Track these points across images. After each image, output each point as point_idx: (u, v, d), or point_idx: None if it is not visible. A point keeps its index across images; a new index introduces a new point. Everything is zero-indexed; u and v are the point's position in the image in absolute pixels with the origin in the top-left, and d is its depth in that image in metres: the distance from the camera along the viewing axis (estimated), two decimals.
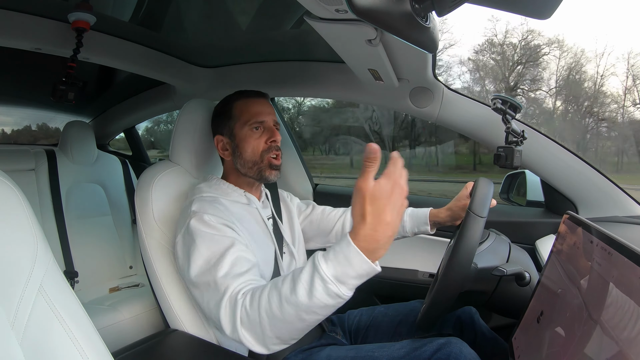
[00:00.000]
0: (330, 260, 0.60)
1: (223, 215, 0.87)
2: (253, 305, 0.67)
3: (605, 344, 0.45)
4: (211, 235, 0.81)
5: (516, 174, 1.47)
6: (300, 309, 0.62)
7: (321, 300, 0.60)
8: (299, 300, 0.61)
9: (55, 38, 1.16)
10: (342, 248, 0.60)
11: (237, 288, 0.72)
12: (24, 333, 0.50)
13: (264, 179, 0.99)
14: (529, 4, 0.59)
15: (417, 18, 0.62)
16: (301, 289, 0.61)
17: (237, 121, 0.99)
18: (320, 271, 0.60)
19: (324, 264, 0.60)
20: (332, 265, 0.60)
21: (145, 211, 0.99)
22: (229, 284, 0.73)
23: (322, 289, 0.60)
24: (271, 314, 0.64)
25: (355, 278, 0.60)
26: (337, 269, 0.59)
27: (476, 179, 0.91)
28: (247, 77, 1.50)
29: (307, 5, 0.64)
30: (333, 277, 0.59)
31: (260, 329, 0.66)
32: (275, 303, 0.64)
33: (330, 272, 0.59)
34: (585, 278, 0.56)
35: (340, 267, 0.59)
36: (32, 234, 0.55)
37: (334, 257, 0.60)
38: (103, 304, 1.54)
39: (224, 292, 0.72)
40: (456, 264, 0.77)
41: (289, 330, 0.66)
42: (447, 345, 0.78)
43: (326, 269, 0.60)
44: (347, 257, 0.59)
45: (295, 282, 0.63)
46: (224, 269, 0.75)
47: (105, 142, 2.55)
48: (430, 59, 1.01)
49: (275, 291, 0.65)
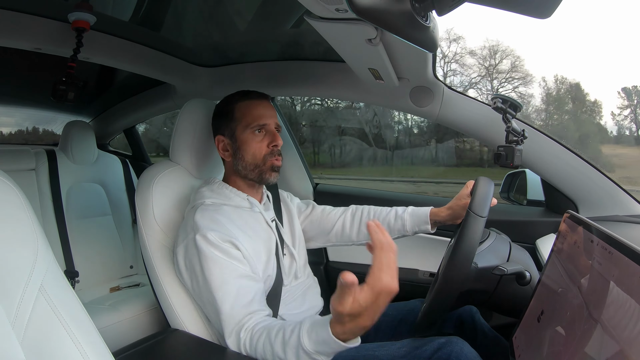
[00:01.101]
0: (312, 340, 0.70)
1: (226, 230, 0.88)
2: (252, 347, 0.79)
3: (605, 343, 0.45)
4: (216, 258, 0.85)
5: (516, 173, 1.47)
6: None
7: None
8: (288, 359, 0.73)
9: (55, 38, 1.16)
10: (322, 335, 0.68)
11: (242, 323, 0.81)
12: (25, 333, 0.50)
13: (264, 181, 0.99)
14: (529, 3, 0.59)
15: (417, 17, 0.61)
16: (290, 354, 0.72)
17: (238, 123, 0.98)
18: (304, 347, 0.70)
19: (307, 342, 0.70)
20: (314, 343, 0.70)
21: (145, 211, 0.99)
22: (232, 317, 0.81)
23: (306, 357, 0.70)
24: (266, 358, 0.77)
25: (332, 354, 0.70)
26: (318, 347, 0.69)
27: (476, 178, 0.91)
28: (247, 77, 1.50)
29: (307, 5, 0.64)
30: (314, 350, 0.70)
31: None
32: (269, 355, 0.76)
33: (312, 348, 0.70)
34: (585, 277, 0.56)
35: (320, 346, 0.69)
36: (32, 234, 0.55)
37: (316, 337, 0.70)
38: (104, 303, 1.54)
39: (227, 324, 0.82)
40: (456, 264, 0.77)
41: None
42: (448, 345, 0.78)
43: (309, 345, 0.70)
44: (327, 342, 0.68)
45: (285, 344, 0.73)
46: (230, 300, 0.82)
47: (106, 141, 2.55)
48: (431, 58, 1.01)
49: (269, 346, 0.75)
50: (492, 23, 13.05)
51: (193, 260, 0.87)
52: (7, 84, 1.89)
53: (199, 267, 0.85)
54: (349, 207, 1.17)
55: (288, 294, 1.00)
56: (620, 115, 5.37)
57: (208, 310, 0.87)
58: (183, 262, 0.89)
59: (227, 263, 0.85)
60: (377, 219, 1.11)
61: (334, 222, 1.15)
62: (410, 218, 1.09)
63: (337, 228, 1.14)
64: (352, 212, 1.15)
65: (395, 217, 1.10)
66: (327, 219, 1.15)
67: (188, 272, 0.89)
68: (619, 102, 5.22)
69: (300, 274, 1.07)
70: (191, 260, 0.87)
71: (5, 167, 1.32)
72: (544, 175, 1.22)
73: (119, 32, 1.29)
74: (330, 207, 1.19)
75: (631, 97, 5.70)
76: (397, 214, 1.10)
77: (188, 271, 0.89)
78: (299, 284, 1.05)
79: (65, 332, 0.52)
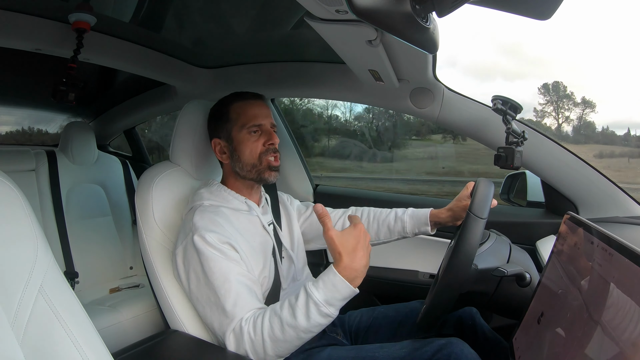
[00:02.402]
0: (320, 288, 0.75)
1: (224, 232, 0.88)
2: (257, 332, 0.78)
3: (605, 345, 0.45)
4: (215, 257, 0.85)
5: (516, 174, 1.47)
6: (299, 330, 0.76)
7: (316, 321, 0.75)
8: (298, 323, 0.75)
9: (55, 39, 1.16)
10: (329, 278, 0.76)
11: (242, 317, 0.81)
12: (24, 333, 0.50)
13: (263, 181, 0.99)
14: (530, 5, 0.59)
15: (417, 19, 0.62)
16: (299, 314, 0.75)
17: (234, 124, 0.98)
18: (313, 297, 0.75)
19: (315, 291, 0.75)
20: (322, 291, 0.75)
21: (145, 212, 0.99)
22: (235, 315, 0.81)
23: (316, 311, 0.74)
24: (274, 337, 0.77)
25: (341, 300, 0.76)
26: (327, 294, 0.75)
27: (477, 180, 0.91)
28: (247, 78, 1.50)
29: (307, 6, 0.64)
30: (324, 301, 0.74)
31: (262, 350, 0.78)
32: (277, 328, 0.76)
33: (321, 297, 0.75)
34: (585, 279, 0.56)
35: (329, 292, 0.75)
36: (32, 235, 0.55)
37: (323, 285, 0.75)
38: (103, 304, 1.54)
39: (230, 321, 0.81)
40: (456, 265, 0.77)
41: (288, 348, 0.79)
42: (448, 346, 0.78)
43: (317, 295, 0.75)
44: (334, 284, 0.75)
45: (293, 308, 0.76)
46: (231, 298, 0.82)
47: (106, 142, 2.55)
48: (431, 59, 1.01)
49: (276, 317, 0.77)
50: None
51: (192, 260, 0.87)
52: (7, 84, 1.89)
53: (199, 267, 0.85)
54: (348, 209, 1.17)
55: (287, 297, 1.00)
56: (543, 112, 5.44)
57: (207, 311, 0.86)
58: (182, 263, 0.89)
59: (226, 262, 0.85)
60: (377, 221, 1.11)
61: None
62: (410, 219, 1.09)
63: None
64: (352, 213, 1.15)
65: (395, 219, 1.10)
66: None
67: (187, 273, 0.88)
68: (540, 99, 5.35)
69: (299, 276, 1.07)
70: (190, 261, 0.87)
71: (5, 167, 1.32)
72: (544, 177, 1.22)
73: (119, 33, 1.29)
74: (330, 209, 1.18)
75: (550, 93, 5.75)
76: (396, 215, 1.10)
77: (187, 272, 0.88)
78: (297, 286, 1.05)
79: (64, 333, 0.52)
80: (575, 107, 5.51)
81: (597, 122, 6.47)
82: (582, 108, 5.49)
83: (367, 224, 1.11)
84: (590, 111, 5.58)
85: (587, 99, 5.61)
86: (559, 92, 5.66)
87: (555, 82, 6.18)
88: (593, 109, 5.56)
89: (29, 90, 2.03)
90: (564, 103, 5.61)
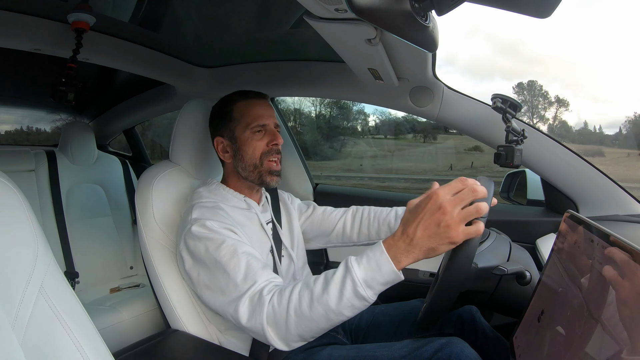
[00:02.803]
0: (362, 264, 0.66)
1: (224, 220, 0.87)
2: (282, 303, 0.71)
3: (606, 343, 0.45)
4: (218, 238, 0.83)
5: (516, 172, 1.47)
6: (329, 309, 0.67)
7: (349, 301, 0.66)
8: (330, 299, 0.66)
9: (54, 39, 1.16)
10: (374, 254, 0.66)
11: (260, 285, 0.75)
12: (25, 334, 0.50)
13: (265, 184, 0.99)
14: (529, 3, 0.59)
15: (417, 17, 0.61)
16: (333, 289, 0.66)
17: (238, 124, 0.98)
18: (352, 273, 0.66)
19: (356, 267, 0.66)
20: (364, 269, 0.65)
21: (145, 211, 0.99)
22: (247, 284, 0.76)
23: (351, 290, 0.65)
24: (300, 312, 0.69)
25: (382, 284, 0.66)
26: (368, 274, 0.65)
27: (477, 178, 0.91)
28: (247, 77, 1.50)
29: (307, 5, 0.64)
30: (363, 280, 0.65)
31: (285, 326, 0.70)
32: (305, 302, 0.68)
33: (361, 276, 0.65)
34: (586, 277, 0.56)
35: (371, 272, 0.65)
36: (32, 235, 0.55)
37: (367, 261, 0.66)
38: (104, 304, 1.54)
39: (246, 290, 0.75)
40: (456, 264, 0.77)
41: (313, 329, 0.70)
42: (448, 345, 0.78)
43: (358, 272, 0.65)
44: (378, 264, 0.65)
45: (328, 282, 0.68)
46: (242, 270, 0.78)
47: (106, 142, 2.55)
48: (430, 58, 1.01)
49: (307, 290, 0.69)
50: None
51: (196, 248, 0.84)
52: (6, 84, 1.89)
53: (203, 250, 0.82)
54: (349, 208, 1.17)
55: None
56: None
57: (218, 296, 0.80)
58: (189, 256, 0.86)
59: (231, 241, 0.83)
60: (377, 220, 1.11)
61: (334, 224, 1.14)
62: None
63: (338, 229, 1.14)
64: (353, 213, 1.15)
65: (396, 218, 1.10)
66: (328, 220, 1.15)
67: (195, 263, 0.84)
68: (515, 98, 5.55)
69: (298, 275, 1.06)
70: (194, 250, 0.84)
71: (5, 168, 1.32)
72: (544, 175, 1.22)
73: (118, 33, 1.29)
74: (331, 208, 1.18)
75: (524, 92, 5.78)
76: (397, 214, 1.10)
77: (195, 263, 0.84)
78: None
79: (65, 333, 0.52)
80: (550, 106, 5.56)
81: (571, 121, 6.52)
82: (557, 107, 5.54)
83: (367, 223, 1.11)
84: (565, 110, 5.63)
85: (560, 97, 5.67)
86: (534, 91, 5.69)
87: (530, 81, 6.23)
88: (567, 108, 5.61)
89: (28, 90, 2.03)
90: (539, 102, 5.66)
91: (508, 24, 14.36)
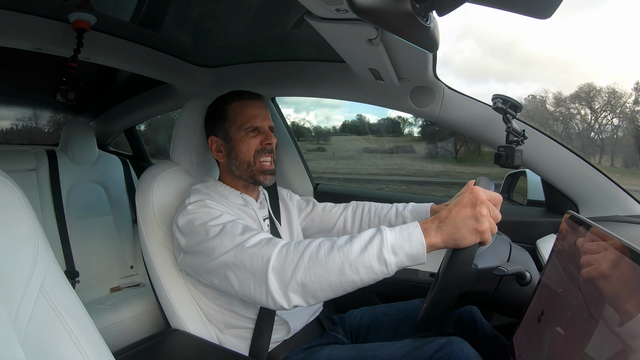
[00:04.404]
0: (394, 231, 0.67)
1: (222, 204, 0.89)
2: (298, 247, 0.70)
3: (606, 343, 0.45)
4: (214, 212, 0.84)
5: (517, 173, 1.47)
6: (346, 260, 0.65)
7: (369, 260, 0.65)
8: (351, 250, 0.66)
9: (55, 38, 1.16)
10: (408, 225, 0.68)
11: (275, 240, 0.73)
12: (25, 333, 0.50)
13: (259, 183, 0.99)
14: (530, 4, 0.59)
15: (417, 17, 0.61)
16: (357, 243, 0.66)
17: (232, 124, 0.98)
18: (383, 235, 0.66)
19: (388, 232, 0.67)
20: (394, 235, 0.66)
21: (146, 211, 0.99)
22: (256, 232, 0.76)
23: (377, 249, 0.65)
24: (315, 257, 0.67)
25: (406, 256, 0.66)
26: (397, 240, 0.66)
27: (477, 178, 0.91)
28: (247, 77, 1.50)
29: (307, 5, 0.64)
30: (391, 244, 0.65)
31: (293, 268, 0.68)
32: (324, 249, 0.67)
33: (390, 239, 0.66)
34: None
35: (401, 239, 0.66)
36: (33, 234, 0.55)
37: (400, 230, 0.67)
38: (104, 303, 1.54)
39: (250, 236, 0.75)
40: (457, 265, 0.77)
41: (320, 280, 0.66)
42: (449, 345, 0.78)
43: (389, 235, 0.66)
44: (409, 234, 0.66)
45: (354, 237, 0.68)
46: (239, 228, 0.78)
47: (106, 142, 2.55)
48: (431, 58, 1.01)
49: (329, 242, 0.69)
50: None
51: (192, 224, 0.83)
52: (7, 83, 1.89)
53: (199, 221, 0.82)
54: (349, 204, 1.16)
55: None
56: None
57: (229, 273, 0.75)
58: (187, 230, 0.84)
59: (228, 216, 0.83)
60: (378, 216, 1.11)
61: (335, 220, 1.14)
62: (411, 215, 1.08)
63: (338, 225, 1.14)
64: (353, 209, 1.15)
65: (396, 214, 1.09)
66: (329, 217, 1.15)
67: (191, 237, 0.83)
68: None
69: None
70: (192, 227, 0.83)
71: (5, 167, 1.33)
72: (544, 176, 1.22)
73: (119, 33, 1.29)
74: (331, 204, 1.18)
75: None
76: (397, 211, 1.10)
77: (191, 237, 0.83)
78: None
79: (65, 332, 0.52)
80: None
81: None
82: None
83: (368, 220, 1.11)
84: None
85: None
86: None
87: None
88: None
89: (29, 90, 2.03)
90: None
91: (499, 26, 14.37)
